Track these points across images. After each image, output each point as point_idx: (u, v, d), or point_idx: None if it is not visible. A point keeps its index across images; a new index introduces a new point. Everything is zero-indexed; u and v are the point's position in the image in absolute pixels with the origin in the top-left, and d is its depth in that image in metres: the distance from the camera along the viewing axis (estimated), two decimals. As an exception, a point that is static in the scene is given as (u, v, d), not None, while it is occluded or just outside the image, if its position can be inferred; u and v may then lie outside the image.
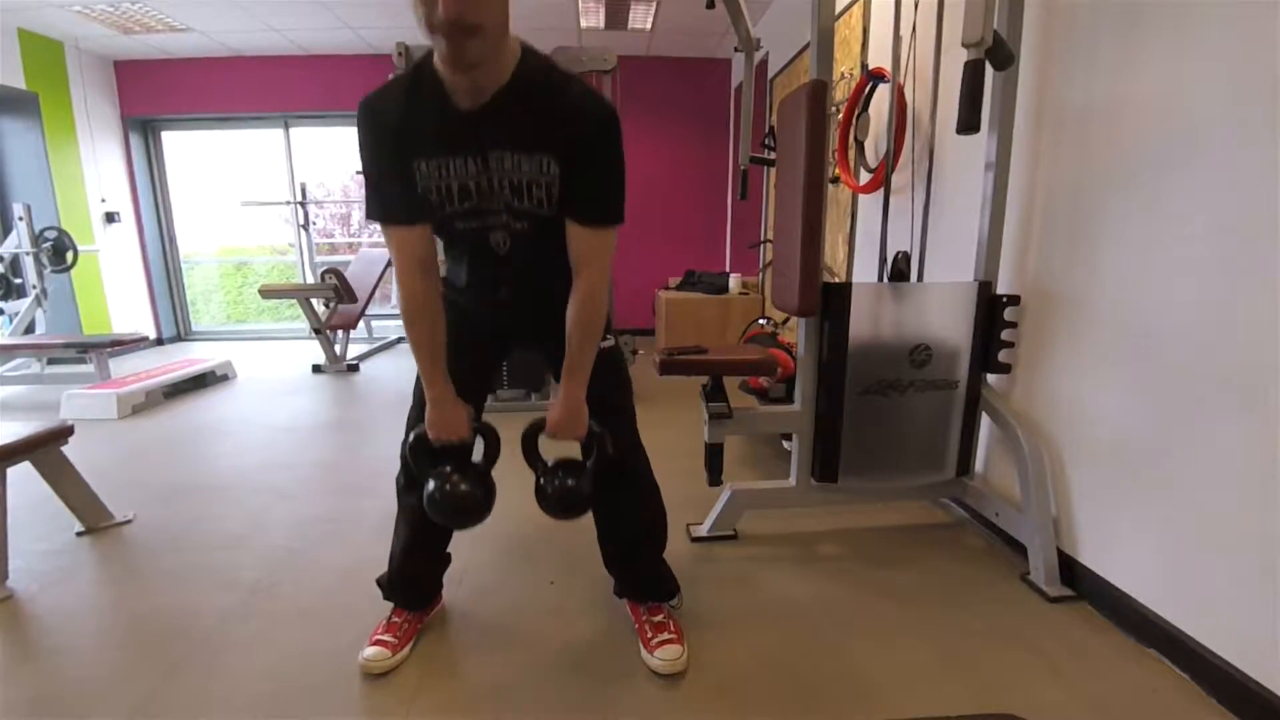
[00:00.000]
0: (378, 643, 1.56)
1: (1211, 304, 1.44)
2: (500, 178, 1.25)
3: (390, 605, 1.66)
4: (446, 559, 1.71)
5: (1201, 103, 1.45)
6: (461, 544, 1.74)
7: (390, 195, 1.27)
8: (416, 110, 1.21)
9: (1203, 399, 1.46)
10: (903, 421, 2.10)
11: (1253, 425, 1.35)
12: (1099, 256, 1.75)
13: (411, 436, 1.43)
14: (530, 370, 3.93)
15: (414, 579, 1.67)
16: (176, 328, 6.99)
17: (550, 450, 1.47)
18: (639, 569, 1.67)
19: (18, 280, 5.00)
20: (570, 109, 1.21)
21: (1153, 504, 1.61)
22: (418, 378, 1.45)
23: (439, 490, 1.41)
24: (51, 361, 4.91)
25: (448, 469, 1.42)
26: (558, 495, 1.45)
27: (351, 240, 7.49)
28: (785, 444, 2.85)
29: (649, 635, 1.58)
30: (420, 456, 1.43)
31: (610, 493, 1.56)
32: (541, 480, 1.46)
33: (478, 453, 1.50)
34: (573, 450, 1.51)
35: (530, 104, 1.20)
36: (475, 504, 1.44)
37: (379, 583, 1.68)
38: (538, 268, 1.40)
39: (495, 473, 1.46)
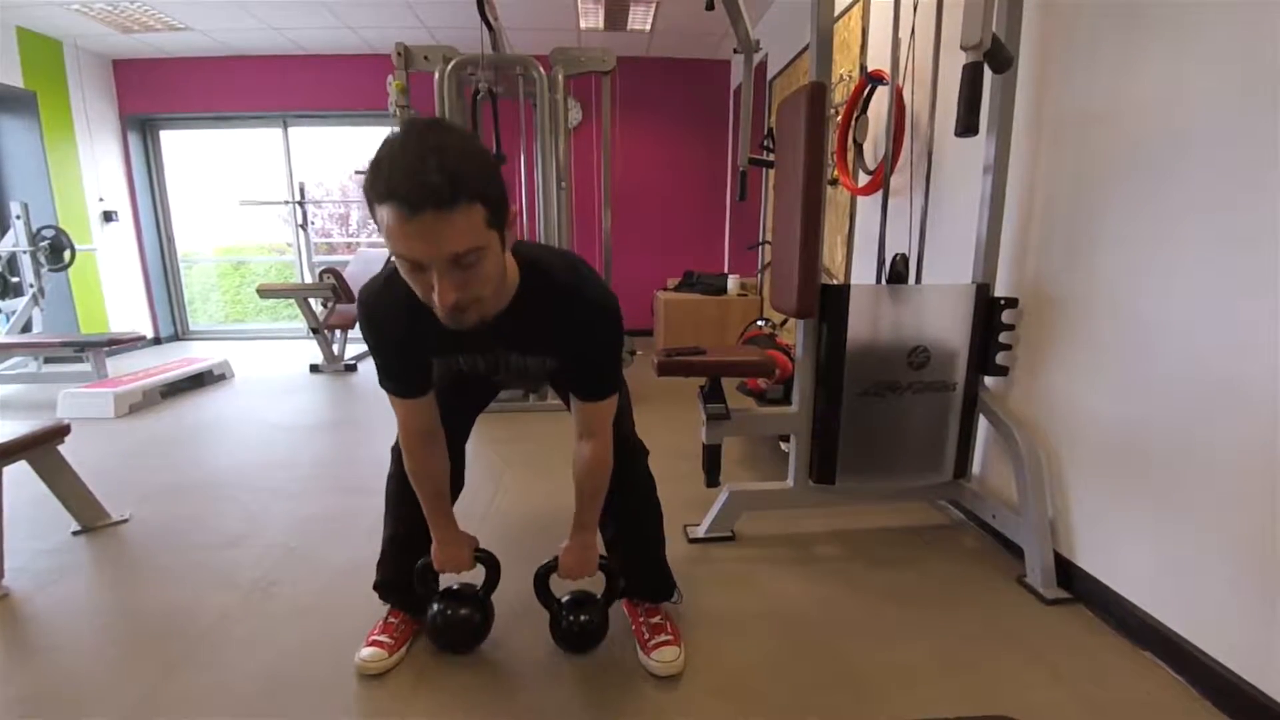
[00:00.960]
0: (374, 643, 1.56)
1: (1209, 307, 1.44)
2: (505, 361, 1.37)
3: (387, 606, 1.67)
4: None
5: (1200, 104, 1.46)
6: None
7: (398, 375, 1.34)
8: (419, 322, 1.18)
9: (1200, 402, 1.47)
10: (900, 423, 2.11)
11: (1250, 428, 1.36)
12: (1097, 259, 1.75)
13: (419, 564, 1.53)
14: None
15: (408, 579, 1.67)
16: (174, 327, 6.98)
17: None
18: (638, 568, 1.67)
19: (15, 279, 4.99)
20: (571, 322, 1.27)
21: (1149, 507, 1.62)
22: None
23: (441, 615, 1.54)
24: (48, 360, 4.90)
25: (451, 596, 1.56)
26: (574, 633, 1.55)
27: (350, 240, 7.49)
28: (783, 445, 2.85)
29: (646, 637, 1.58)
30: (426, 581, 1.55)
31: (610, 494, 1.57)
32: (557, 618, 1.56)
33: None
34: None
35: (532, 320, 1.26)
36: (474, 629, 1.57)
37: (375, 586, 1.68)
38: (544, 381, 1.56)
39: (494, 475, 1.46)
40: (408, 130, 0.98)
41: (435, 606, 1.54)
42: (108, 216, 6.09)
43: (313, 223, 6.76)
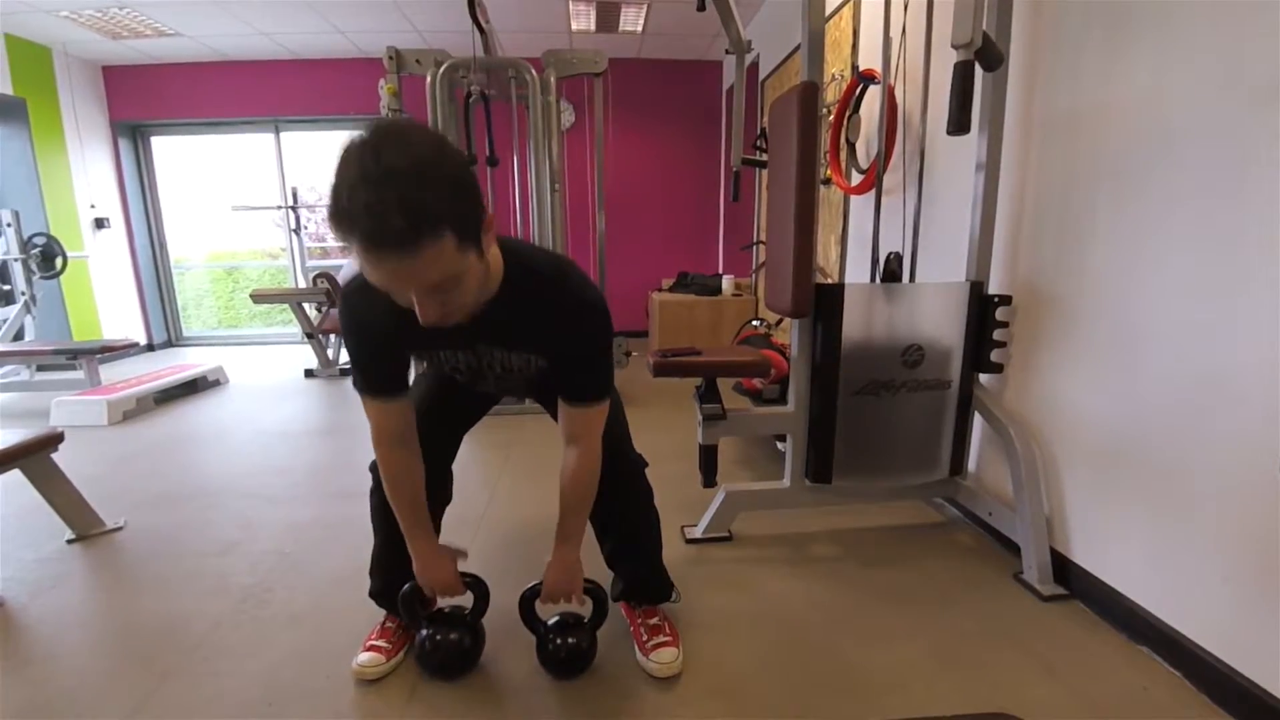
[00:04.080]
0: (371, 648, 1.55)
1: (1200, 302, 1.45)
2: (489, 361, 1.33)
3: (384, 611, 1.65)
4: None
5: (1187, 102, 1.46)
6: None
7: (373, 374, 1.31)
8: (401, 316, 1.12)
9: (1193, 397, 1.47)
10: (896, 422, 2.11)
11: (1242, 423, 1.36)
12: (1089, 256, 1.76)
13: (405, 589, 1.48)
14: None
15: (401, 583, 1.66)
16: (167, 333, 6.95)
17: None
18: (637, 568, 1.67)
19: (6, 287, 4.97)
20: (556, 317, 1.25)
21: (1144, 502, 1.62)
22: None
23: (429, 641, 1.49)
24: (41, 368, 4.87)
25: (439, 621, 1.52)
26: (562, 656, 1.50)
27: (344, 245, 7.47)
28: (779, 445, 2.85)
29: (644, 638, 1.58)
30: (412, 607, 1.50)
31: (607, 498, 1.56)
32: (543, 641, 1.52)
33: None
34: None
35: (516, 313, 1.23)
36: (464, 655, 1.52)
37: (371, 594, 1.67)
38: (529, 391, 1.54)
39: (489, 480, 1.45)
40: (362, 149, 0.91)
41: (423, 632, 1.50)
42: (99, 223, 6.06)
43: (306, 227, 6.74)
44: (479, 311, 1.18)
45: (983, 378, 2.16)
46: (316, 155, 6.84)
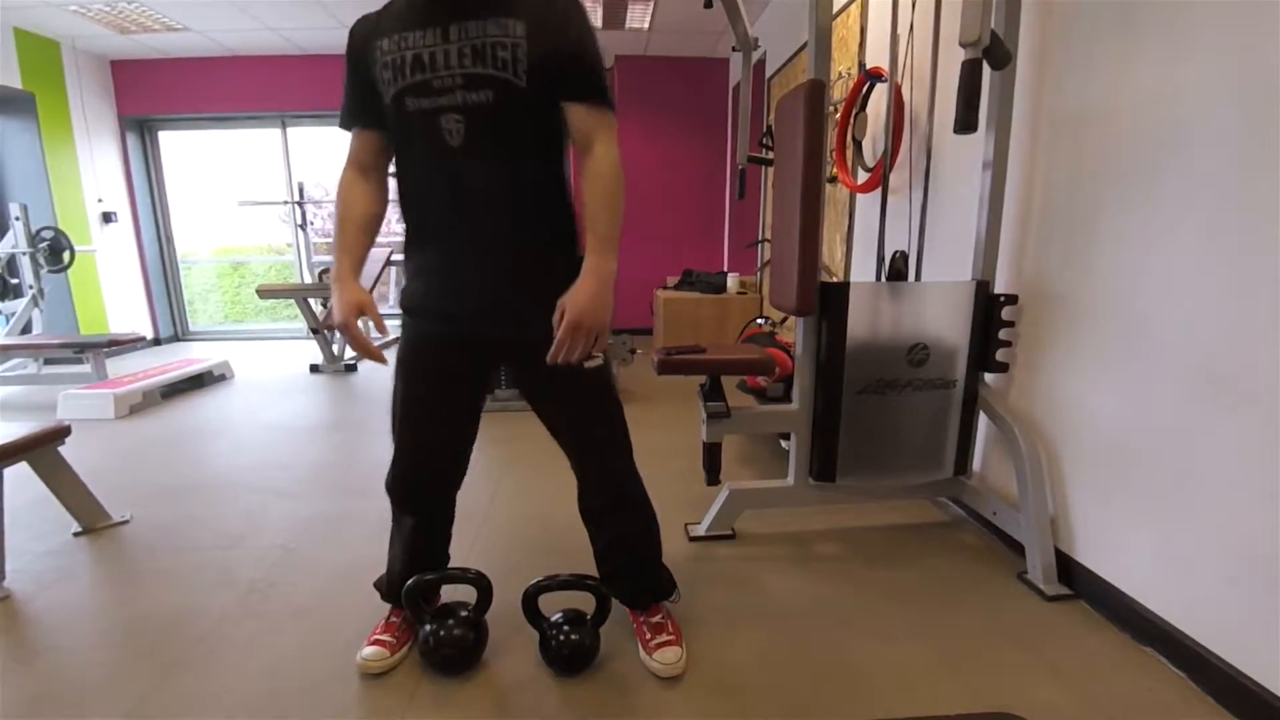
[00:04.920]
0: (376, 642, 1.56)
1: (1207, 303, 1.44)
2: (461, 46, 1.23)
3: (389, 605, 1.66)
4: (445, 560, 1.71)
5: (1196, 102, 1.45)
6: (460, 544, 1.74)
7: (350, 100, 1.41)
8: (383, 16, 1.32)
9: (1199, 397, 1.47)
10: (900, 421, 2.10)
11: (1249, 423, 1.36)
12: (1096, 256, 1.75)
13: (409, 584, 1.52)
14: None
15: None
16: (174, 328, 6.98)
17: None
18: (635, 581, 1.66)
19: (14, 280, 4.99)
20: None
21: (1150, 502, 1.61)
22: (393, 391, 1.49)
23: (433, 637, 1.51)
24: (48, 362, 4.90)
25: (442, 617, 1.54)
26: (564, 653, 1.52)
27: None
28: (783, 443, 2.85)
29: (648, 637, 1.58)
30: (416, 601, 1.53)
31: (607, 524, 1.59)
32: (546, 638, 1.53)
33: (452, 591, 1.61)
34: (573, 599, 1.56)
35: None
36: (467, 651, 1.54)
37: (377, 586, 1.68)
38: (496, 172, 1.29)
39: (492, 476, 1.44)
40: None
41: (427, 627, 1.52)
42: (107, 217, 6.09)
43: (312, 223, 6.76)
44: None
45: (988, 377, 2.16)
46: (323, 150, 6.86)
